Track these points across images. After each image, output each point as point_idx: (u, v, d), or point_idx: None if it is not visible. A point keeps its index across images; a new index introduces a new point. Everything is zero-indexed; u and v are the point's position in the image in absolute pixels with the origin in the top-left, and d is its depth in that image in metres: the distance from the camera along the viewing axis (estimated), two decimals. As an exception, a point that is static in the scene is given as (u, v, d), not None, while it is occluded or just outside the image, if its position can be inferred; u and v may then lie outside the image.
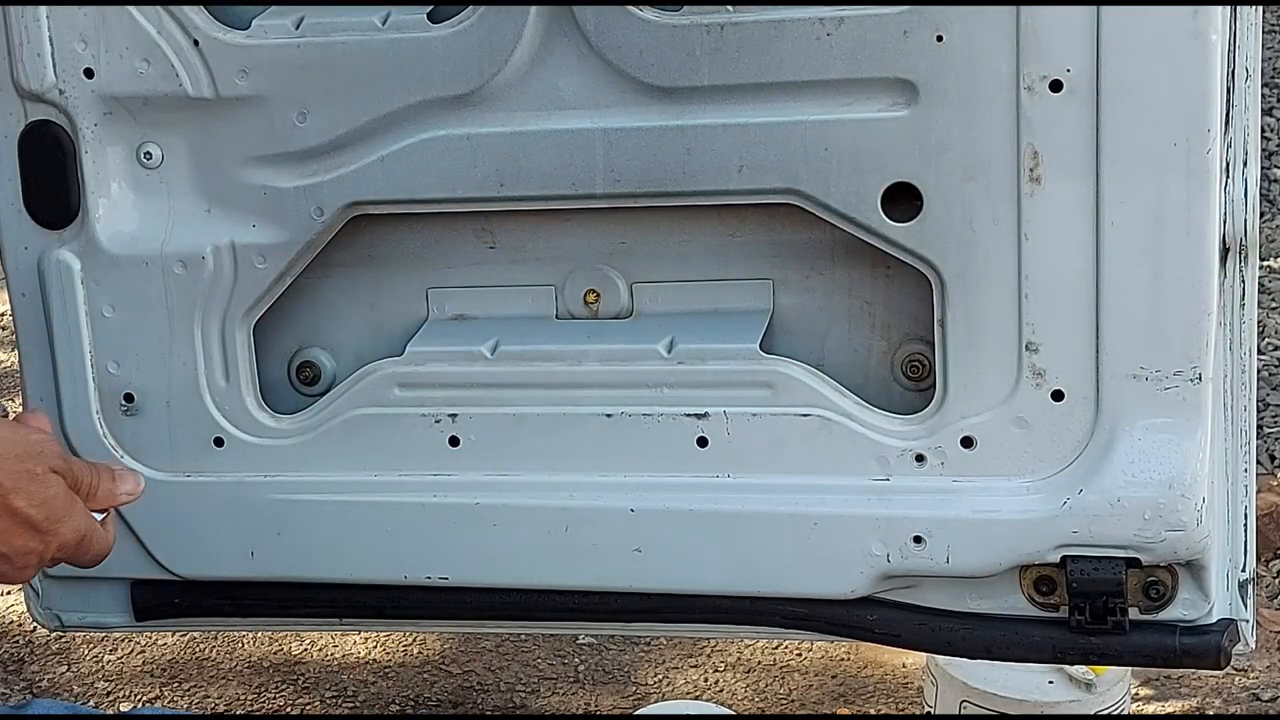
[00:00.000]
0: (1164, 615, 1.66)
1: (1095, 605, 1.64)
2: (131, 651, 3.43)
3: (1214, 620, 1.66)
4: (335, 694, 3.26)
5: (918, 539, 1.67)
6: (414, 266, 1.82)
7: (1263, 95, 2.24)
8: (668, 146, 1.65)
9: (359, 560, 1.82)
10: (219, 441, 1.82)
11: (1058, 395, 1.62)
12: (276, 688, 3.30)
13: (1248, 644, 1.70)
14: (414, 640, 3.37)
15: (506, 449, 1.76)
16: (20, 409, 1.82)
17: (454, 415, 1.77)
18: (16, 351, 1.87)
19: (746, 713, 3.11)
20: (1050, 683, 2.70)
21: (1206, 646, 1.65)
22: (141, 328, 1.80)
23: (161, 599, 1.92)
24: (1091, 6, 1.52)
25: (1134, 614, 1.65)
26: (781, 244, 1.73)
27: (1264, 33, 1.74)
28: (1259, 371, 3.64)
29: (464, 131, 1.69)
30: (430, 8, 1.69)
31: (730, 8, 1.61)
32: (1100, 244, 1.57)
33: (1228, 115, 1.60)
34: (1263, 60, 1.72)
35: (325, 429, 1.80)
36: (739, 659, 3.26)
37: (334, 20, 1.69)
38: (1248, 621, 1.70)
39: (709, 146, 1.64)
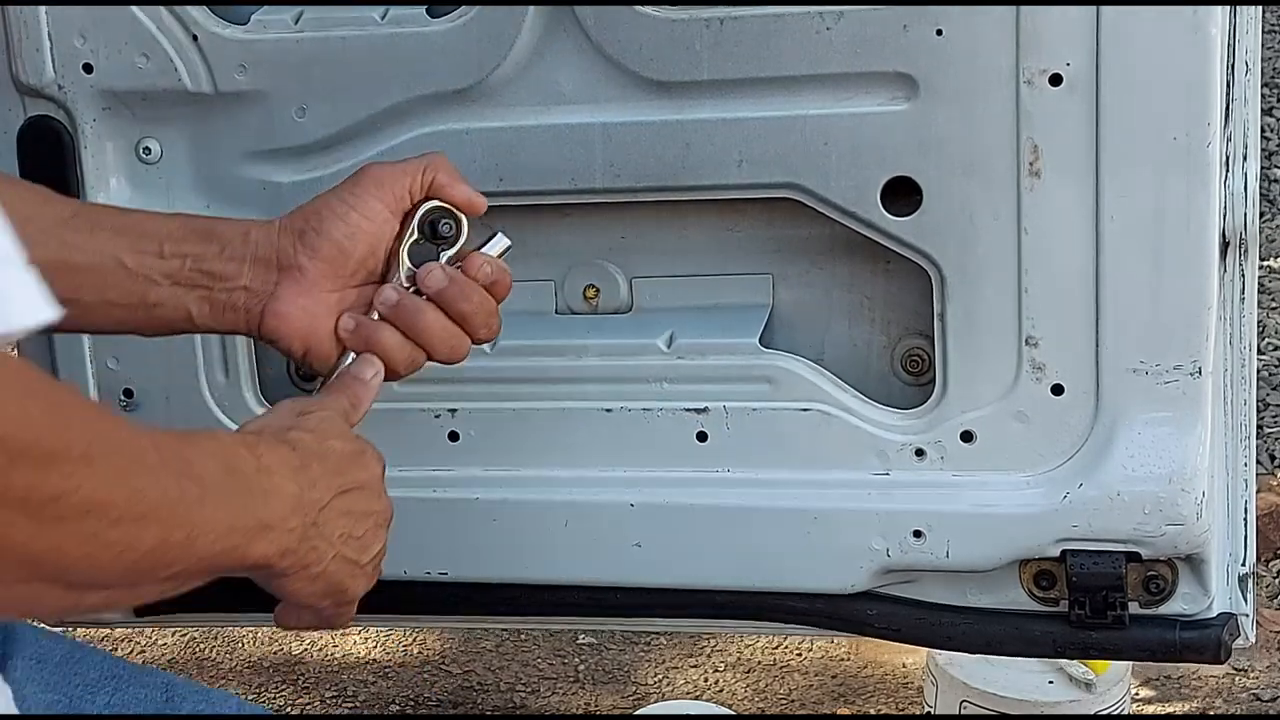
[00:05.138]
0: (1164, 609, 1.65)
1: (1095, 599, 1.64)
2: (132, 652, 3.43)
3: (1214, 614, 1.66)
4: (335, 694, 3.26)
5: (917, 533, 1.67)
6: (413, 262, 1.82)
7: (1263, 95, 2.24)
8: (667, 141, 1.65)
9: (358, 556, 1.81)
10: (218, 437, 1.82)
11: (1057, 389, 1.62)
12: (276, 688, 3.30)
13: (1248, 638, 1.70)
14: (414, 640, 3.37)
15: (506, 444, 1.76)
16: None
17: (453, 410, 1.77)
18: (15, 347, 1.87)
19: (746, 713, 3.11)
20: (1050, 683, 2.70)
21: (1206, 640, 1.65)
22: (141, 323, 1.80)
23: (161, 595, 1.91)
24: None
25: (1134, 608, 1.65)
26: (781, 239, 1.73)
27: (1264, 32, 1.74)
28: (1259, 371, 3.63)
29: (463, 126, 1.69)
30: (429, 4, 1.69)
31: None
32: (1100, 238, 1.57)
33: (1227, 109, 1.59)
34: (1263, 60, 1.72)
35: (324, 424, 1.80)
36: (739, 658, 3.26)
37: (333, 15, 1.69)
38: (1248, 616, 1.70)
39: (708, 141, 1.64)
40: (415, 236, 1.43)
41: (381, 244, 1.41)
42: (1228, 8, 1.54)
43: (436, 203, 1.44)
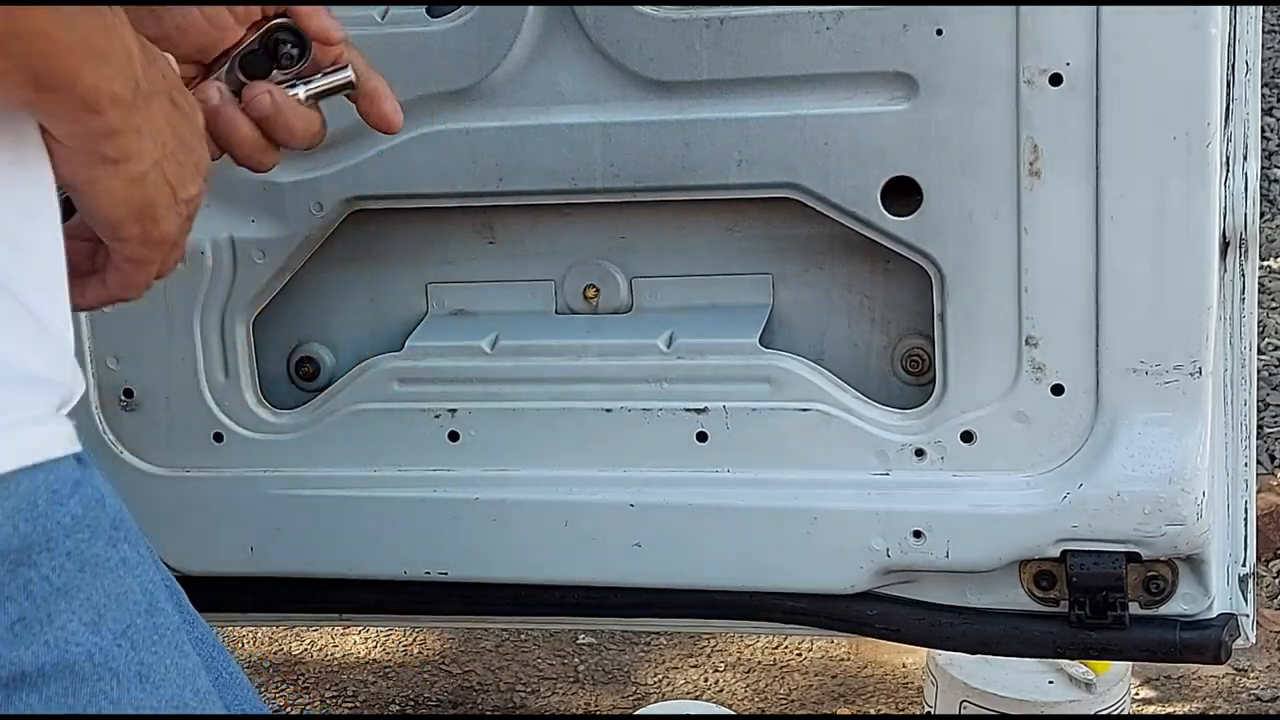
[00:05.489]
0: (1164, 610, 1.65)
1: (1095, 600, 1.64)
2: (131, 652, 3.42)
3: (1214, 615, 1.66)
4: (335, 694, 3.26)
5: (917, 533, 1.67)
6: (413, 261, 1.82)
7: (1263, 95, 2.24)
8: (667, 141, 1.65)
9: (358, 556, 1.82)
10: (218, 437, 1.82)
11: (1057, 389, 1.62)
12: (276, 688, 3.30)
13: (1248, 638, 1.70)
14: (414, 640, 3.37)
15: (506, 444, 1.76)
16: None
17: (453, 410, 1.77)
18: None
19: (746, 713, 3.11)
20: (1050, 683, 2.69)
21: (1207, 641, 1.65)
22: (140, 323, 1.80)
23: (160, 595, 1.91)
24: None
25: (1134, 609, 1.65)
26: (781, 238, 1.73)
27: (1264, 32, 1.74)
28: (1259, 371, 3.63)
29: (463, 126, 1.69)
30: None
31: (730, 1, 1.61)
32: (1100, 238, 1.57)
33: (1227, 109, 1.60)
34: (1263, 60, 1.72)
35: (325, 424, 1.80)
36: (739, 659, 3.26)
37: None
38: (1248, 616, 1.70)
39: (708, 141, 1.64)
40: (254, 48, 1.30)
41: (215, 48, 1.30)
42: (1228, 8, 1.54)
43: (288, 21, 1.30)
